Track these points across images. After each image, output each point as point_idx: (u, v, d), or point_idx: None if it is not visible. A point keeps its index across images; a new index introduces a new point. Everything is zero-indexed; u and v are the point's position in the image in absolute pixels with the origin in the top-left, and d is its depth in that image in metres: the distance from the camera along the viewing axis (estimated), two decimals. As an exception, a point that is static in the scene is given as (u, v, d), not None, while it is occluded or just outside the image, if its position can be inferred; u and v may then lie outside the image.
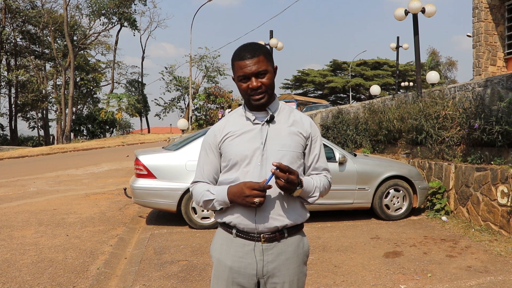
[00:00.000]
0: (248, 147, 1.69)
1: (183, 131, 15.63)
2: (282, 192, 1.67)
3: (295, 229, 1.74)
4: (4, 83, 37.56)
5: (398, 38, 22.81)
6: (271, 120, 1.72)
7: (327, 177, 1.84)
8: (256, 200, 1.57)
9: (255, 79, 1.66)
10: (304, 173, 1.81)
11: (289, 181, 1.58)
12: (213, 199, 1.69)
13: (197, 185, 1.78)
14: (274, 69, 1.74)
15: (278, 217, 1.67)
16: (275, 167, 1.57)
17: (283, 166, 1.57)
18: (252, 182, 1.60)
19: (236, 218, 1.68)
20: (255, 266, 1.68)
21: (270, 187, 1.60)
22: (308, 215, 1.79)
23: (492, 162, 5.68)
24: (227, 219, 1.71)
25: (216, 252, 1.77)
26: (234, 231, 1.71)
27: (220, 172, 1.78)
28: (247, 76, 1.66)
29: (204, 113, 32.11)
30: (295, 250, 1.74)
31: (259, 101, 1.69)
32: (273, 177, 1.59)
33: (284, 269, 1.71)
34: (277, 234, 1.69)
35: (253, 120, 1.73)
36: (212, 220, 5.69)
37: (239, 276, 1.70)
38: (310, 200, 1.74)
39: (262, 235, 1.67)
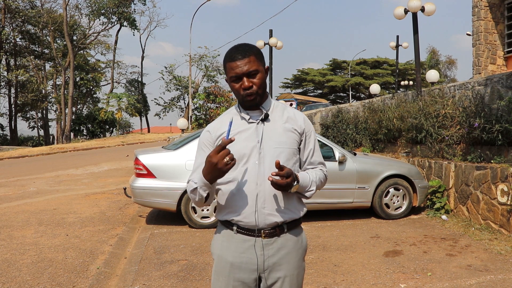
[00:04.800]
0: (245, 146, 1.72)
1: (182, 130, 15.61)
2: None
3: (293, 224, 1.78)
4: (4, 83, 37.52)
5: (397, 37, 22.82)
6: (265, 119, 1.76)
7: (323, 170, 1.89)
8: (226, 159, 1.54)
9: (246, 79, 1.69)
10: (300, 168, 1.84)
11: (287, 185, 1.62)
12: (196, 187, 1.69)
13: (190, 182, 1.81)
14: (265, 69, 1.76)
15: (277, 213, 1.71)
16: (273, 175, 1.60)
17: (283, 173, 1.59)
18: (213, 150, 1.57)
19: (237, 216, 1.71)
20: (256, 261, 1.72)
21: (231, 140, 1.57)
22: (305, 209, 1.84)
23: (492, 161, 5.68)
24: (228, 216, 1.74)
25: (216, 249, 1.81)
26: (234, 227, 1.74)
27: None
28: (239, 76, 1.69)
29: (204, 112, 32.10)
30: (295, 245, 1.78)
31: (252, 101, 1.72)
32: (231, 129, 1.64)
33: (285, 263, 1.75)
34: (277, 229, 1.73)
35: (248, 119, 1.76)
36: (211, 219, 5.69)
37: (240, 272, 1.73)
38: (307, 194, 1.78)
39: (262, 230, 1.71)
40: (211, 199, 1.75)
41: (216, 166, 1.56)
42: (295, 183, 1.67)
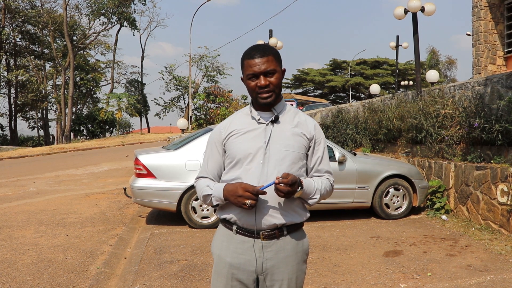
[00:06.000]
0: (251, 145, 1.72)
1: (182, 130, 15.62)
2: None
3: (294, 228, 1.77)
4: (4, 83, 37.54)
5: (397, 37, 22.87)
6: (275, 120, 1.76)
7: (329, 179, 1.85)
8: (248, 201, 1.60)
9: (263, 77, 1.70)
10: (306, 174, 1.83)
11: (290, 193, 1.62)
12: (211, 195, 1.73)
13: (200, 180, 1.84)
14: (282, 71, 1.77)
15: (277, 215, 1.70)
16: (278, 178, 1.60)
17: (287, 181, 1.59)
18: (248, 184, 1.63)
19: (236, 214, 1.72)
20: (254, 263, 1.71)
21: (264, 193, 1.63)
22: (308, 215, 1.82)
23: (492, 161, 5.68)
24: (228, 215, 1.74)
25: (216, 249, 1.81)
26: (234, 227, 1.74)
27: (224, 169, 1.82)
28: (256, 74, 1.70)
29: (204, 112, 32.11)
30: (294, 248, 1.77)
31: (267, 99, 1.72)
32: (272, 185, 1.62)
33: (283, 266, 1.74)
34: (276, 232, 1.72)
35: (258, 120, 1.76)
36: (212, 219, 5.69)
37: (239, 272, 1.73)
38: (310, 201, 1.77)
39: (261, 232, 1.70)
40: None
41: (237, 198, 1.62)
42: (299, 188, 1.66)
